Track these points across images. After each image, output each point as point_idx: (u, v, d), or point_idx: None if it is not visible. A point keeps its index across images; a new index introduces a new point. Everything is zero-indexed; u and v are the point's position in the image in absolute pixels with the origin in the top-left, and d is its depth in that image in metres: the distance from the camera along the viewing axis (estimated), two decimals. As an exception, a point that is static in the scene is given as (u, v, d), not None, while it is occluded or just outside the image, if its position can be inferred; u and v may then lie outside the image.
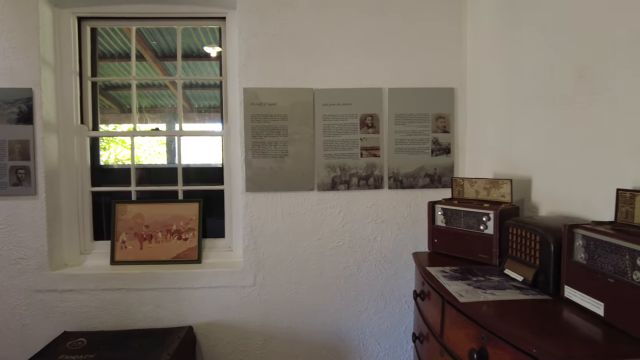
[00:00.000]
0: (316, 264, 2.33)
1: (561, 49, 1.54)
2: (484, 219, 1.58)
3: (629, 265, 0.94)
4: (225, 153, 2.41)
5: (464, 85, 2.36)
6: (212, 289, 2.30)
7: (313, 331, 2.35)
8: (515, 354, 0.96)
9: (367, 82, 2.30)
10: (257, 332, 2.33)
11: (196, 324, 2.31)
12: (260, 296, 2.31)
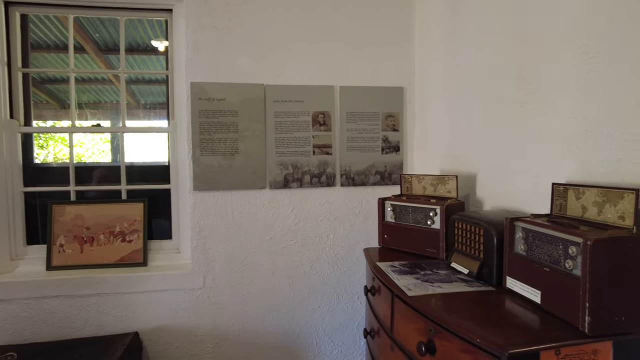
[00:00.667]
0: (268, 263, 2.29)
1: (501, 51, 1.61)
2: (431, 214, 1.62)
3: (562, 255, 0.99)
4: (171, 150, 2.31)
5: (413, 84, 2.41)
6: (159, 293, 2.20)
7: (265, 332, 2.31)
8: (461, 345, 0.98)
9: (319, 80, 2.29)
10: (207, 336, 2.26)
11: (143, 329, 2.20)
12: (210, 298, 2.24)
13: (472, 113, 1.83)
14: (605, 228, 0.97)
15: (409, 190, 1.90)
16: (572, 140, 1.25)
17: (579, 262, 0.94)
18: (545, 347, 0.88)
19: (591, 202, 1.07)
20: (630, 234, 0.93)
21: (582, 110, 1.22)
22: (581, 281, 0.92)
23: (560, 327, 0.96)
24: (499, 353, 0.87)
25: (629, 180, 1.07)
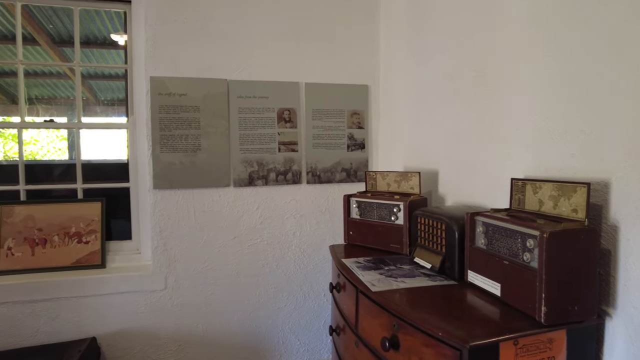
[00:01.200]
0: (233, 263, 2.24)
1: (461, 51, 1.64)
2: (394, 210, 1.63)
3: (520, 248, 1.01)
4: (130, 148, 2.22)
5: (378, 83, 2.43)
6: (118, 295, 2.11)
7: (231, 333, 2.27)
8: (424, 339, 0.99)
9: (284, 76, 2.26)
10: (170, 338, 2.19)
11: (101, 334, 2.10)
12: (172, 300, 2.17)
13: (434, 111, 1.86)
14: (560, 221, 1.00)
15: (374, 186, 1.91)
16: (529, 137, 1.29)
17: (536, 254, 0.96)
18: (504, 338, 0.90)
19: (547, 196, 1.10)
20: (582, 227, 0.96)
21: (538, 108, 1.25)
22: (538, 273, 0.94)
23: (518, 318, 0.98)
24: (460, 346, 0.88)
25: (581, 175, 1.11)
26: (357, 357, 1.32)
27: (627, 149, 0.98)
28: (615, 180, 1.01)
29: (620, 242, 1.00)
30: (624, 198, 0.99)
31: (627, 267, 0.99)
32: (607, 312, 1.04)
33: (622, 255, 1.00)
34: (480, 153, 1.54)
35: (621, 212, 1.00)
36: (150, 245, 2.15)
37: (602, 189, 1.05)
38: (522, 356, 0.92)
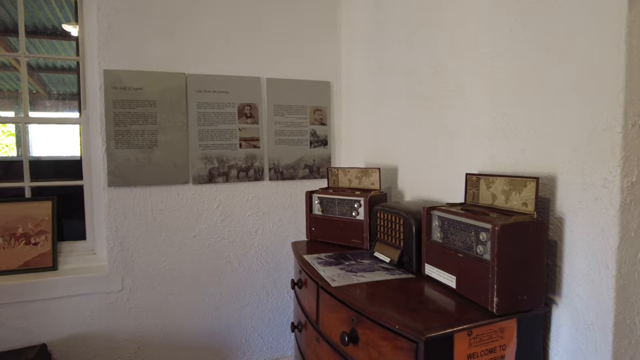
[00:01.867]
0: (193, 262, 2.19)
1: (420, 48, 1.67)
2: (355, 206, 1.64)
3: (474, 241, 1.04)
4: (83, 144, 2.12)
5: (339, 79, 2.43)
6: (71, 298, 2.02)
7: (192, 333, 2.22)
8: (382, 332, 1.00)
9: (245, 71, 2.23)
10: (128, 341, 2.12)
11: (52, 340, 2.00)
12: (130, 301, 2.10)
13: (393, 108, 1.88)
14: (511, 214, 1.04)
15: (336, 182, 1.91)
16: (483, 133, 1.33)
17: (488, 247, 0.99)
18: (459, 329, 0.92)
19: (500, 191, 1.14)
20: (531, 219, 1.00)
21: (492, 104, 1.29)
22: (490, 265, 0.97)
23: (472, 309, 1.01)
24: (417, 338, 0.90)
25: (531, 169, 1.15)
26: (318, 352, 1.33)
27: (574, 146, 1.03)
28: (561, 174, 1.06)
29: (565, 234, 1.05)
30: (569, 192, 1.04)
31: (571, 258, 1.04)
32: (553, 301, 1.09)
33: (567, 246, 1.05)
34: (436, 149, 1.58)
35: (566, 205, 1.05)
36: (106, 245, 2.07)
37: (550, 183, 1.09)
38: (475, 346, 0.95)
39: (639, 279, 0.96)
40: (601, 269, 0.96)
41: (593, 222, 0.97)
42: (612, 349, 0.96)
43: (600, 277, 0.97)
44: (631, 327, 0.98)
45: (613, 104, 0.93)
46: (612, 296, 0.94)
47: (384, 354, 0.99)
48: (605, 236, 0.95)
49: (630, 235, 0.94)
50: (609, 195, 0.94)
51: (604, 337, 0.97)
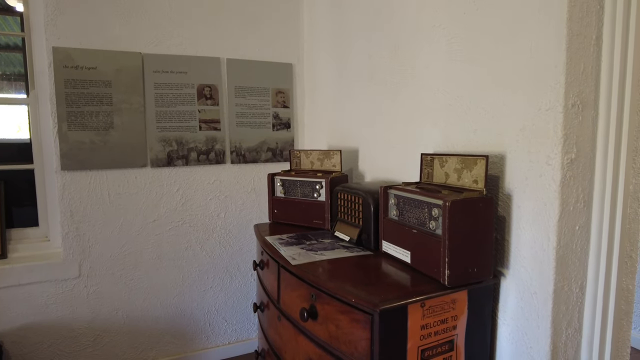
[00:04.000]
0: (154, 246, 2.15)
1: (379, 31, 1.68)
2: (317, 187, 1.66)
3: (427, 217, 1.09)
4: (32, 126, 2.01)
5: (302, 61, 2.42)
6: (23, 287, 1.94)
7: (154, 317, 2.19)
8: (339, 306, 1.03)
9: (204, 50, 2.17)
10: (87, 328, 2.07)
11: (3, 330, 1.92)
12: (88, 288, 2.04)
13: (354, 90, 1.90)
14: (462, 191, 1.08)
15: (298, 165, 1.92)
16: (439, 114, 1.37)
17: (440, 222, 1.03)
18: (412, 301, 0.96)
19: (452, 169, 1.18)
20: (481, 195, 1.04)
21: (447, 86, 1.33)
22: (442, 239, 1.01)
23: (425, 282, 1.05)
24: (372, 310, 0.93)
25: (482, 149, 1.20)
26: (280, 330, 1.35)
27: (520, 126, 1.08)
28: (509, 153, 1.11)
29: (513, 209, 1.11)
30: (516, 170, 1.10)
31: (518, 232, 1.10)
32: (502, 273, 1.16)
33: (515, 221, 1.11)
34: (395, 131, 1.61)
35: (514, 182, 1.10)
36: (60, 231, 2.00)
37: (499, 161, 1.15)
38: (428, 317, 1.00)
39: (576, 249, 1.04)
40: (544, 241, 1.03)
41: (537, 197, 1.03)
42: (552, 315, 1.03)
43: (542, 249, 1.03)
44: (568, 294, 1.05)
45: (555, 85, 0.99)
46: (553, 265, 1.01)
47: (341, 327, 1.02)
48: (547, 210, 1.01)
49: (570, 209, 1.01)
50: (551, 172, 1.00)
51: (544, 304, 1.04)
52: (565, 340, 1.07)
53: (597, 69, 1.01)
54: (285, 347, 1.31)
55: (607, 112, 1.02)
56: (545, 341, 1.05)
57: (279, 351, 1.37)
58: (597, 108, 1.02)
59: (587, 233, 1.05)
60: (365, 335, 0.95)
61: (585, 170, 1.02)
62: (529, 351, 1.09)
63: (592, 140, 1.02)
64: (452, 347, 1.06)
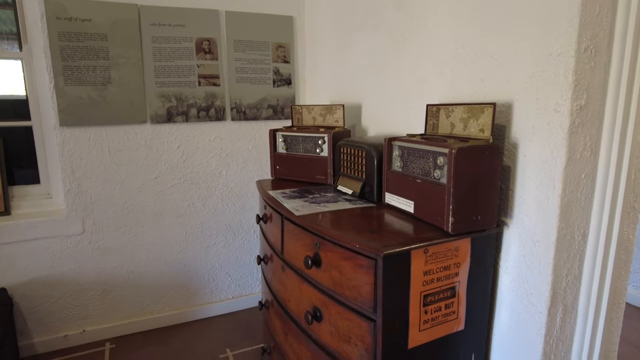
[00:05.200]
0: (156, 203, 2.16)
1: (386, -24, 1.61)
2: (319, 142, 1.64)
3: (432, 166, 1.08)
4: (28, 81, 1.97)
5: (302, 14, 2.34)
6: (28, 243, 1.96)
7: (158, 273, 2.23)
8: (343, 253, 1.04)
9: (202, 2, 2.09)
10: (93, 283, 2.11)
11: (12, 284, 1.96)
12: (92, 244, 2.07)
13: (357, 43, 1.84)
14: (468, 140, 1.07)
15: (300, 121, 1.90)
16: (445, 64, 1.33)
17: (445, 171, 1.03)
18: (415, 247, 0.97)
19: (458, 119, 1.16)
20: (487, 143, 1.03)
21: (454, 34, 1.29)
22: (446, 187, 1.01)
23: (429, 230, 1.06)
24: (375, 255, 0.94)
25: (489, 98, 1.18)
26: (284, 280, 1.37)
27: (529, 72, 1.05)
28: (517, 101, 1.09)
29: (519, 158, 1.10)
30: (523, 118, 1.08)
31: (523, 181, 1.09)
32: (505, 222, 1.16)
33: (520, 170, 1.10)
34: (399, 83, 1.58)
35: (521, 131, 1.09)
36: (62, 187, 2.00)
37: (506, 110, 1.13)
38: (431, 263, 1.01)
39: (580, 198, 1.03)
40: (549, 189, 1.02)
41: (544, 145, 1.02)
42: (553, 262, 1.04)
43: (547, 197, 1.03)
44: (570, 242, 1.06)
45: (567, 29, 0.95)
46: (557, 213, 1.01)
47: (345, 274, 1.03)
48: (554, 158, 1.00)
49: (576, 156, 1.00)
50: (559, 119, 0.98)
51: (546, 252, 1.05)
52: (564, 287, 1.09)
53: (613, 12, 0.97)
54: (289, 296, 1.34)
55: (620, 58, 0.99)
56: (545, 287, 1.06)
57: (283, 300, 1.40)
58: (610, 53, 0.99)
59: (592, 182, 1.05)
60: (369, 280, 0.96)
61: (594, 117, 1.00)
62: (529, 297, 1.11)
63: (602, 86, 0.99)
64: (453, 293, 1.08)
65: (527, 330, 1.14)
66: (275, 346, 1.57)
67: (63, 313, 2.08)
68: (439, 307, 1.05)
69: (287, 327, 1.38)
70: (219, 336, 2.18)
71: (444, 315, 1.07)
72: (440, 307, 1.05)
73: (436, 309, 1.05)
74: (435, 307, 1.04)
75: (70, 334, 2.09)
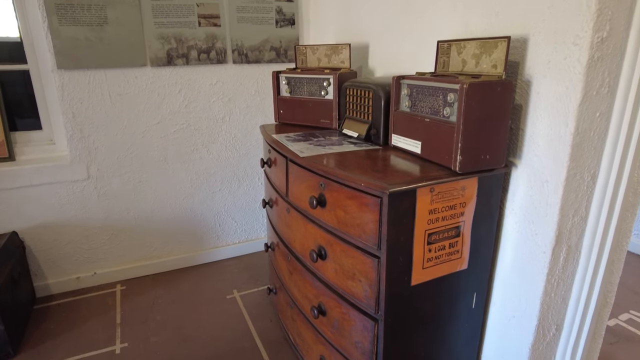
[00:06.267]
0: (159, 149, 2.14)
1: None
2: (324, 84, 1.59)
3: (441, 104, 1.04)
4: (20, 21, 1.89)
5: (307, -53, 2.20)
6: (35, 188, 1.97)
7: (164, 218, 2.26)
8: (348, 192, 1.03)
9: None
10: (100, 228, 2.14)
11: (22, 228, 2.00)
12: (97, 189, 2.08)
13: (366, -24, 1.74)
14: (480, 77, 1.02)
15: (304, 62, 1.83)
16: (458, -3, 1.26)
17: (455, 108, 0.99)
18: (421, 185, 0.95)
19: (470, 55, 1.11)
20: (500, 79, 0.99)
21: (469, -37, 1.20)
22: (456, 125, 0.98)
23: (436, 170, 1.04)
24: (381, 193, 0.93)
25: (504, 33, 1.12)
26: (288, 222, 1.38)
27: (548, 3, 0.98)
28: (533, 35, 1.03)
29: (531, 96, 1.06)
30: (538, 53, 1.02)
31: (534, 120, 1.06)
32: (513, 163, 1.14)
33: (532, 109, 1.06)
34: (409, 19, 1.50)
35: (535, 67, 1.04)
36: (65, 133, 1.98)
37: (521, 45, 1.07)
38: (437, 202, 1.00)
39: (593, 137, 1.00)
40: (561, 127, 0.99)
41: (559, 80, 0.98)
42: (561, 202, 1.03)
43: (559, 136, 1.00)
44: (580, 183, 1.04)
45: (595, -50, 0.88)
46: (568, 153, 0.99)
47: (350, 212, 1.03)
48: (569, 94, 0.96)
49: (593, 94, 0.96)
50: (577, 53, 0.93)
51: (555, 192, 1.03)
52: (570, 228, 1.09)
53: None
54: (294, 237, 1.35)
55: (648, -15, 0.92)
56: (551, 227, 1.06)
57: (289, 241, 1.42)
58: (637, -20, 0.92)
59: (606, 121, 1.01)
60: (374, 218, 0.96)
61: (615, 51, 0.95)
62: (533, 238, 1.11)
63: (627, 17, 0.93)
64: (458, 233, 1.08)
65: (530, 270, 1.15)
66: (280, 286, 1.61)
67: (73, 256, 2.13)
68: (442, 245, 1.05)
69: (292, 267, 1.40)
70: (226, 278, 2.24)
71: (448, 254, 1.08)
72: (444, 246, 1.06)
73: (440, 247, 1.05)
74: (439, 246, 1.05)
75: (82, 276, 2.16)
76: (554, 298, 1.16)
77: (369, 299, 1.04)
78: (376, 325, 1.05)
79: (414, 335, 1.12)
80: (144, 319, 1.92)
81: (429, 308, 1.11)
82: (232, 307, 1.99)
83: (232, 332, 1.81)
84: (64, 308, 2.00)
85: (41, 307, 2.02)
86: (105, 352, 1.71)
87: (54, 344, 1.75)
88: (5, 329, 1.64)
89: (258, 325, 1.85)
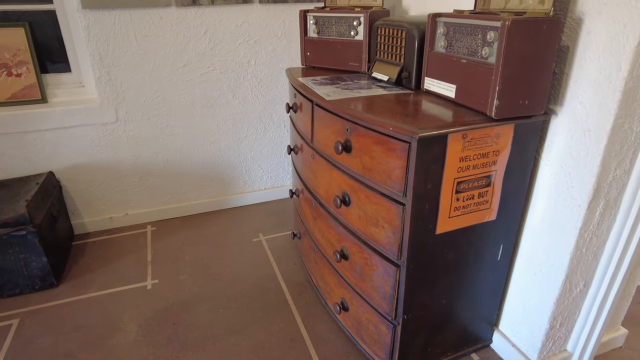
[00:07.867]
0: (186, 93, 2.13)
1: None
2: (354, 24, 1.51)
3: (480, 44, 0.96)
4: (45, -43, 1.85)
5: None
6: (68, 130, 2.01)
7: (192, 162, 2.29)
8: (375, 137, 1.00)
9: None
10: (131, 170, 2.20)
11: (57, 169, 2.07)
12: (127, 132, 2.11)
13: None
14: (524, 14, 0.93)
15: (334, 1, 1.73)
16: None
17: (495, 48, 0.92)
18: (453, 130, 0.91)
19: (515, -10, 1.01)
20: (547, 16, 0.90)
21: None
22: (494, 66, 0.91)
23: (470, 115, 0.98)
24: (410, 138, 0.89)
25: (556, -37, 1.00)
26: (314, 167, 1.36)
27: None
28: (590, -35, 0.92)
29: (580, 37, 0.96)
30: (595, -14, 0.92)
31: (582, 63, 0.97)
32: (553, 110, 1.06)
33: (580, 50, 0.97)
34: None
35: (588, 2, 0.93)
36: (93, 75, 1.98)
37: (575, -23, 0.96)
38: (469, 149, 0.95)
39: (649, 81, 0.92)
40: (613, 70, 0.90)
41: (617, 18, 0.88)
42: (603, 154, 0.96)
43: (609, 80, 0.91)
44: (627, 133, 0.97)
45: None
46: (618, 99, 0.91)
47: (376, 158, 1.00)
48: (626, 33, 0.86)
49: (653, 32, 0.86)
50: (641, -16, 0.83)
51: (597, 142, 0.97)
52: (610, 181, 1.02)
53: None
54: (319, 183, 1.34)
55: None
56: (589, 180, 1.00)
57: (313, 188, 1.41)
58: None
59: (665, 64, 0.92)
60: (401, 164, 0.92)
61: (684, -17, 0.84)
62: (569, 191, 1.06)
63: None
64: (489, 182, 1.03)
65: (562, 224, 1.10)
66: (305, 231, 1.63)
67: (106, 197, 2.21)
68: (471, 195, 1.02)
69: (317, 213, 1.41)
70: (252, 222, 2.29)
71: (477, 204, 1.05)
72: (473, 196, 1.02)
73: (469, 197, 1.02)
74: (468, 195, 1.01)
75: (115, 216, 2.25)
76: (585, 253, 1.12)
77: (392, 245, 1.03)
78: (398, 271, 1.05)
79: (436, 284, 1.12)
80: (173, 258, 2.00)
81: (452, 257, 1.10)
82: (258, 249, 2.05)
83: (257, 273, 1.87)
84: (99, 245, 2.11)
85: (79, 243, 2.13)
86: (137, 287, 1.80)
87: (92, 277, 1.86)
88: (48, 260, 1.75)
89: (282, 268, 1.90)
